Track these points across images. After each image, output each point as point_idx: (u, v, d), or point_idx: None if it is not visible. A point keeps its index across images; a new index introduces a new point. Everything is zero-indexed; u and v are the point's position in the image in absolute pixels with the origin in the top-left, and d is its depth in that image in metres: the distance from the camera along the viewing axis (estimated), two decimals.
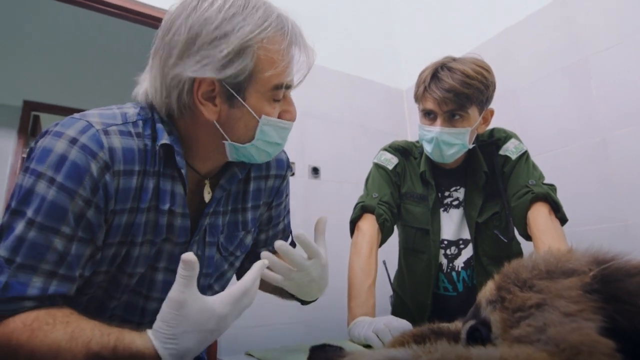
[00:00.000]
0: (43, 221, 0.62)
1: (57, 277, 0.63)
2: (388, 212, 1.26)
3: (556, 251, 0.44)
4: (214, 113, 0.72)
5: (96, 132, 0.66)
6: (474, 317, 0.44)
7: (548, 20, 1.91)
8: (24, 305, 0.60)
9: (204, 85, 0.70)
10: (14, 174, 3.38)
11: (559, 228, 1.14)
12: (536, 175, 1.24)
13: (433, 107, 1.19)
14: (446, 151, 1.22)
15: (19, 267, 0.60)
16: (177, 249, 0.77)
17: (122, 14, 1.91)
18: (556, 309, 0.36)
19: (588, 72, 1.73)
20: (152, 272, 0.77)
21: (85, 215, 0.65)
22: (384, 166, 1.35)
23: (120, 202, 0.69)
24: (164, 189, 0.73)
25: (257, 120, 0.73)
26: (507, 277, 0.43)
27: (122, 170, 0.69)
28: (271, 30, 0.70)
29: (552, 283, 0.39)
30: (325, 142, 2.37)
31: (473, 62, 1.20)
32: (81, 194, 0.64)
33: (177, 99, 0.71)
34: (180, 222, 0.76)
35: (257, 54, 0.69)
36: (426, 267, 1.31)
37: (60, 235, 0.63)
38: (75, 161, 0.63)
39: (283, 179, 0.96)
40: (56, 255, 0.62)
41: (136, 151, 0.71)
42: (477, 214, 1.28)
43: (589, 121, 1.70)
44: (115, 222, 0.69)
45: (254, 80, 0.71)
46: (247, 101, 0.72)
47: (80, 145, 0.64)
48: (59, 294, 0.63)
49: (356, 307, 1.07)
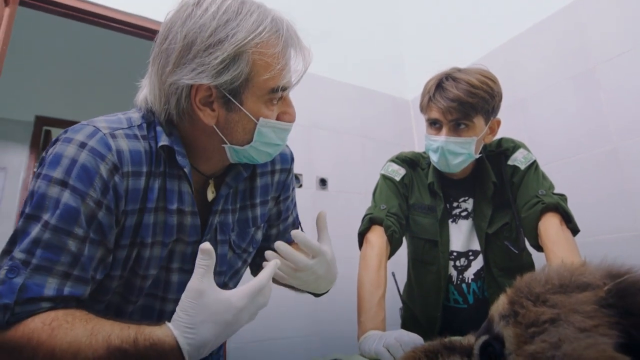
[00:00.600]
0: (57, 223, 0.63)
1: (71, 279, 0.64)
2: (396, 224, 1.25)
3: (569, 264, 0.44)
4: (213, 118, 0.73)
5: (104, 136, 0.68)
6: (487, 332, 0.43)
7: (555, 29, 1.91)
8: (41, 306, 0.61)
9: (201, 91, 0.71)
10: (25, 189, 3.43)
11: (571, 238, 1.12)
12: (546, 185, 1.22)
13: (438, 116, 1.20)
14: (452, 160, 1.21)
15: (34, 269, 0.61)
16: (189, 249, 0.78)
17: (131, 30, 1.95)
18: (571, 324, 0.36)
19: (597, 80, 1.72)
20: (166, 273, 0.78)
21: (97, 217, 0.66)
22: (391, 177, 1.35)
23: (130, 202, 0.70)
24: (170, 189, 0.75)
25: (255, 123, 0.74)
26: (520, 291, 0.42)
27: (131, 172, 0.70)
28: (265, 34, 0.71)
29: (566, 297, 0.38)
30: (333, 153, 2.37)
31: (478, 73, 1.20)
32: (92, 196, 0.65)
33: (176, 105, 0.72)
34: (190, 221, 0.77)
35: (252, 59, 0.70)
36: (435, 279, 1.30)
37: (73, 237, 0.64)
38: (85, 164, 0.65)
39: (288, 173, 0.97)
40: (70, 256, 0.63)
41: (143, 153, 0.73)
42: (487, 225, 1.27)
43: (599, 130, 1.69)
44: (127, 223, 0.71)
45: (250, 84, 0.72)
46: (244, 105, 0.73)
47: (89, 149, 0.66)
48: (73, 296, 0.64)
49: (366, 321, 1.06)
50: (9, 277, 0.60)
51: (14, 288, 0.59)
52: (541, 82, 1.94)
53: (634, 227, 1.53)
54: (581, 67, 1.78)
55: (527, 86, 1.99)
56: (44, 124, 3.67)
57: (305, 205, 2.08)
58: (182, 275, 0.79)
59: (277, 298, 1.87)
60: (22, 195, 3.40)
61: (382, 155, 1.51)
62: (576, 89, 1.79)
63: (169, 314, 0.75)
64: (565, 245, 1.08)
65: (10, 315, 0.59)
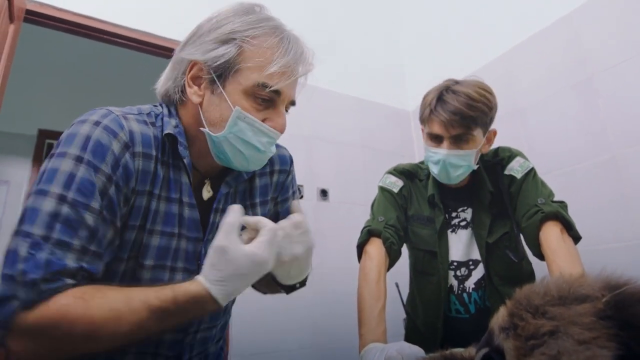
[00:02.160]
0: (75, 197, 0.64)
1: (88, 254, 0.64)
2: (395, 236, 1.25)
3: (568, 276, 0.44)
4: (198, 96, 0.78)
5: (117, 116, 0.72)
6: (487, 344, 0.44)
7: (554, 39, 1.92)
8: (65, 282, 0.61)
9: (195, 69, 0.78)
10: None
11: (572, 247, 1.11)
12: (545, 193, 1.22)
13: (439, 130, 1.20)
14: (453, 173, 1.22)
15: (55, 244, 0.61)
16: (190, 246, 0.80)
17: (134, 45, 1.97)
18: (570, 336, 0.36)
19: (596, 89, 1.73)
20: (171, 274, 0.78)
21: (108, 193, 0.68)
22: (389, 189, 1.36)
23: (140, 183, 0.73)
24: (173, 179, 0.78)
25: (232, 109, 0.76)
26: (519, 303, 0.43)
27: (142, 153, 0.73)
28: (260, 30, 0.77)
29: (565, 309, 0.39)
30: (333, 164, 2.38)
31: (476, 85, 1.21)
32: (104, 171, 0.67)
33: (173, 80, 0.81)
34: (188, 213, 0.79)
35: (241, 47, 0.75)
36: (436, 289, 1.30)
37: (90, 211, 0.65)
38: (99, 139, 0.68)
39: (288, 174, 0.99)
40: (87, 231, 0.64)
41: (152, 137, 0.76)
42: (487, 234, 1.27)
43: (598, 139, 1.69)
44: (136, 203, 0.73)
45: (235, 72, 0.76)
46: (226, 89, 0.76)
47: (103, 126, 0.69)
48: (91, 272, 0.64)
49: (367, 333, 1.06)
50: (31, 253, 0.59)
51: (39, 263, 0.59)
52: (540, 91, 1.95)
53: (635, 236, 1.53)
54: (580, 76, 1.79)
55: (527, 95, 2.00)
56: (47, 138, 3.70)
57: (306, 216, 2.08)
58: (187, 275, 0.79)
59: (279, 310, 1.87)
60: None
61: (383, 166, 1.51)
62: (575, 98, 1.80)
63: (171, 332, 0.77)
64: (566, 254, 1.07)
65: (38, 292, 0.58)
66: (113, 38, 1.92)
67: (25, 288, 0.58)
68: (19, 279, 0.58)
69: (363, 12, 2.86)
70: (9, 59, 1.54)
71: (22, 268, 0.58)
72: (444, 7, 2.65)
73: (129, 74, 3.30)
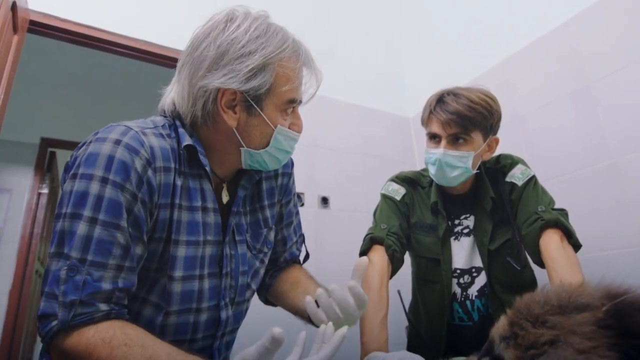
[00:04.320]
0: (105, 218, 0.67)
1: (124, 271, 0.68)
2: (397, 243, 1.25)
3: (568, 285, 0.44)
4: (234, 120, 0.80)
5: (136, 133, 0.74)
6: (488, 353, 0.44)
7: (551, 46, 1.93)
8: (99, 307, 0.64)
9: (227, 95, 0.78)
10: (30, 210, 3.43)
11: (572, 255, 1.11)
12: (546, 200, 1.22)
13: (438, 130, 1.22)
14: (449, 173, 1.23)
15: (91, 265, 0.65)
16: (213, 250, 0.83)
17: (135, 54, 1.99)
18: (570, 345, 0.36)
19: (594, 96, 1.73)
20: (200, 282, 0.81)
21: (133, 210, 0.70)
22: (391, 197, 1.36)
23: (162, 196, 0.75)
24: (193, 188, 0.80)
25: (273, 129, 0.82)
26: (519, 313, 0.43)
27: (162, 167, 0.76)
28: (288, 52, 0.81)
29: (565, 319, 0.39)
30: (334, 171, 2.38)
31: (479, 91, 1.23)
32: (129, 189, 0.70)
33: (202, 107, 0.79)
34: (213, 218, 0.83)
35: (276, 71, 0.79)
36: (439, 297, 1.29)
37: (120, 230, 0.68)
38: (122, 159, 0.70)
39: (289, 177, 1.05)
40: (120, 249, 0.68)
41: (169, 150, 0.78)
42: (489, 241, 1.27)
43: (598, 145, 1.70)
44: (160, 216, 0.75)
45: (271, 94, 0.80)
46: (264, 111, 0.81)
47: (124, 145, 0.71)
48: (126, 288, 0.68)
49: (369, 342, 1.05)
50: (69, 275, 0.64)
51: (77, 285, 0.64)
52: (539, 99, 1.96)
53: (635, 243, 1.52)
54: (578, 83, 1.80)
55: (526, 103, 2.01)
56: (49, 146, 3.71)
57: (307, 223, 2.08)
58: (212, 280, 0.83)
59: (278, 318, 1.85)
60: (26, 217, 3.41)
61: (384, 173, 1.52)
62: (574, 105, 1.81)
63: (203, 327, 0.81)
64: (565, 262, 1.07)
65: (73, 315, 0.63)
66: (115, 47, 1.94)
67: (64, 308, 0.63)
68: (60, 299, 0.63)
69: (363, 19, 2.88)
70: (13, 69, 1.55)
71: (62, 289, 0.63)
72: (443, 16, 2.67)
73: (130, 82, 3.32)
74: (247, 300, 0.94)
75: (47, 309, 0.64)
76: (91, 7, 1.90)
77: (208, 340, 0.84)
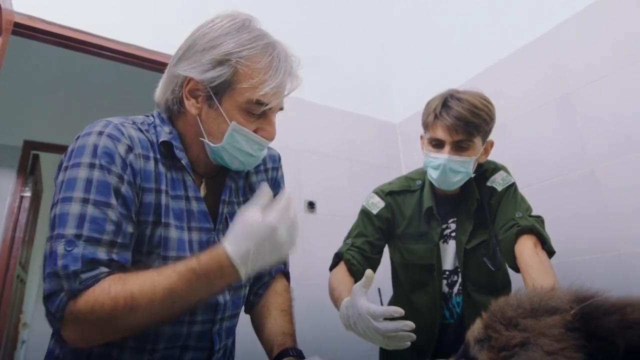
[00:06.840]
0: (96, 197, 0.72)
1: (117, 246, 0.73)
2: (357, 256, 1.30)
3: (540, 289, 0.46)
4: (196, 109, 0.85)
5: (116, 124, 0.81)
6: (464, 356, 0.45)
7: (533, 56, 1.98)
8: (102, 270, 0.69)
9: (192, 83, 0.84)
10: (12, 214, 3.37)
11: (546, 260, 1.14)
12: (523, 207, 1.26)
13: (443, 135, 1.23)
14: (452, 178, 1.25)
15: (86, 240, 0.69)
16: (203, 236, 0.87)
17: (119, 57, 1.97)
18: (539, 347, 0.37)
19: (573, 105, 1.78)
20: None
21: (121, 190, 0.76)
22: (368, 211, 1.39)
23: (145, 180, 0.80)
24: (176, 178, 0.86)
25: (228, 124, 0.84)
26: (494, 316, 0.44)
27: (142, 154, 0.81)
28: (253, 51, 0.83)
29: (536, 321, 0.40)
30: (321, 176, 2.39)
31: (478, 95, 1.26)
32: (114, 171, 0.76)
33: (172, 92, 0.87)
34: (196, 206, 0.87)
35: (235, 67, 0.82)
36: (432, 298, 1.32)
37: (112, 207, 0.73)
38: (106, 145, 0.77)
39: (277, 171, 1.10)
40: (113, 225, 0.73)
41: (148, 142, 0.84)
42: (467, 240, 1.29)
43: (576, 153, 1.74)
44: (145, 200, 0.80)
45: (230, 89, 0.83)
46: (223, 105, 0.84)
47: (107, 134, 0.78)
48: (120, 262, 0.72)
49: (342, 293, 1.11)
50: (67, 249, 0.68)
51: (76, 257, 0.68)
52: (520, 107, 2.00)
53: (612, 248, 1.56)
54: (558, 92, 1.84)
55: (507, 111, 2.05)
56: (32, 149, 3.64)
57: None
58: None
59: None
60: (7, 221, 3.34)
61: (370, 178, 1.54)
62: (554, 114, 1.85)
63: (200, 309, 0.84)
64: (539, 267, 1.10)
65: (80, 281, 0.67)
66: (100, 50, 1.92)
67: (68, 280, 0.67)
68: (61, 274, 0.67)
69: (351, 26, 2.91)
70: None
71: (62, 263, 0.67)
72: (430, 24, 2.71)
73: (115, 86, 3.29)
74: (245, 286, 0.97)
75: (53, 286, 0.67)
76: (76, 10, 1.89)
77: (207, 324, 0.86)
